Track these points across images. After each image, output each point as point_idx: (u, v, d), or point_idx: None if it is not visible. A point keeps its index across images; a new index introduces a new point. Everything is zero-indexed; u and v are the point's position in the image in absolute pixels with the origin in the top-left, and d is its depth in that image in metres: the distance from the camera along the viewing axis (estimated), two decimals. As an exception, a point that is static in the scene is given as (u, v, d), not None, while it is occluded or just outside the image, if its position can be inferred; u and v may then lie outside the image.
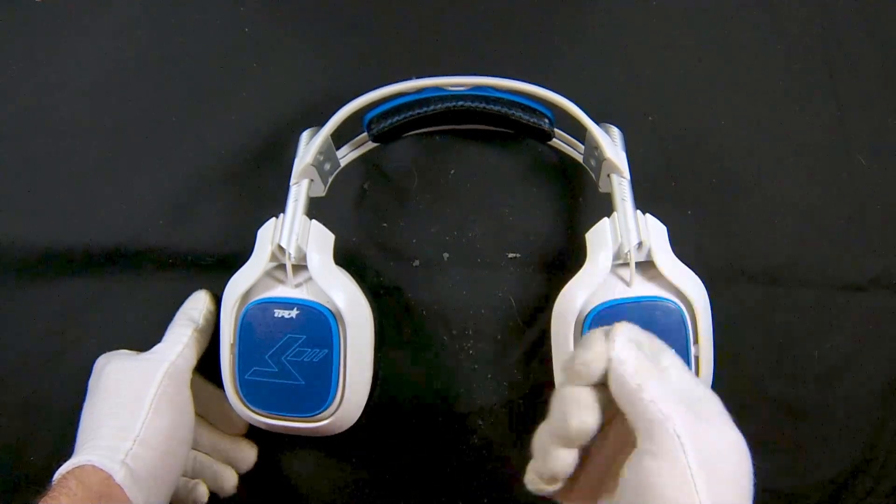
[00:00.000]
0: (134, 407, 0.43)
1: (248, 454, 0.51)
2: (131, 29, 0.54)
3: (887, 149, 0.54)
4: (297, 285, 0.46)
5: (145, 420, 0.43)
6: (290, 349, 0.45)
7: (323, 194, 0.51)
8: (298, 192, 0.47)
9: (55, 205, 0.53)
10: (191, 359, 0.47)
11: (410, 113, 0.48)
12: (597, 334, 0.36)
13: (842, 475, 0.53)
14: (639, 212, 0.45)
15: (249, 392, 0.46)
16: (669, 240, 0.46)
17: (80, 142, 0.53)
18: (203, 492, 0.49)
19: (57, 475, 0.40)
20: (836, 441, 0.53)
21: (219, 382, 0.47)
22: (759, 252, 0.53)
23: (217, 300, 0.50)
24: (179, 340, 0.47)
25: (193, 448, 0.50)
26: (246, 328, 0.46)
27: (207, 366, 0.49)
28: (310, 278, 0.46)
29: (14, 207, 0.53)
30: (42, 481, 0.41)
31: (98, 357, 0.48)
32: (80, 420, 0.45)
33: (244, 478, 0.51)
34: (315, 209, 0.48)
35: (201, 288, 0.51)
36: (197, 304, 0.50)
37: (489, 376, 0.52)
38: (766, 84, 0.54)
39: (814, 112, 0.54)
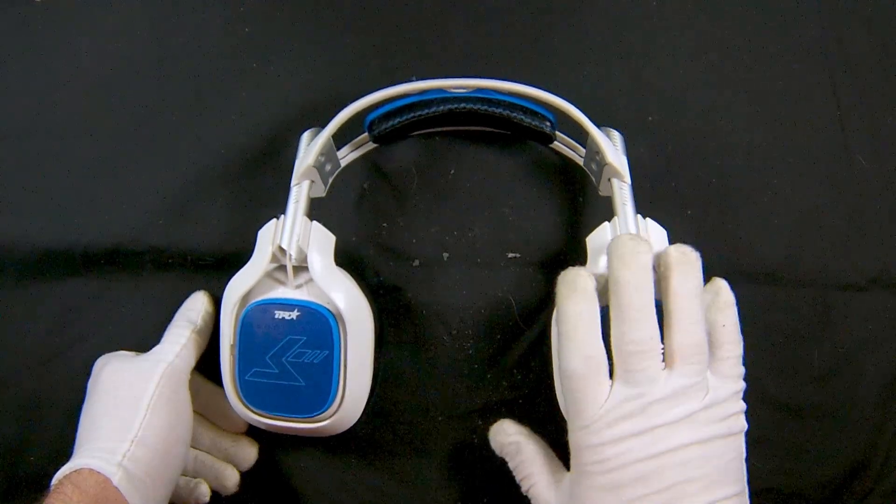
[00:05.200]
0: (131, 408, 0.43)
1: (249, 452, 0.51)
2: (131, 29, 0.54)
3: (887, 149, 0.54)
4: (298, 286, 0.46)
5: (143, 421, 0.43)
6: (290, 350, 0.45)
7: (323, 195, 0.51)
8: (299, 194, 0.47)
9: (55, 204, 0.53)
10: (189, 359, 0.47)
11: (412, 115, 0.48)
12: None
13: (842, 475, 0.53)
14: (639, 216, 0.45)
15: (250, 393, 0.46)
16: (670, 243, 0.46)
17: (80, 142, 0.53)
18: (205, 491, 0.49)
19: (54, 480, 0.40)
20: (836, 441, 0.53)
21: (219, 383, 0.47)
22: (759, 252, 0.53)
23: (216, 301, 0.50)
24: (177, 341, 0.47)
25: (194, 447, 0.50)
26: (246, 329, 0.45)
27: (207, 366, 0.49)
28: (310, 279, 0.46)
29: (14, 207, 0.53)
30: (42, 482, 0.41)
31: (97, 358, 0.49)
32: (79, 421, 0.45)
33: (245, 477, 0.51)
34: (314, 209, 0.48)
35: (201, 288, 0.51)
36: (195, 305, 0.50)
37: (489, 376, 0.52)
38: (766, 84, 0.54)
39: (814, 112, 0.54)
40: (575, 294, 0.40)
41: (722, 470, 0.39)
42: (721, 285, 0.43)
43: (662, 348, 0.40)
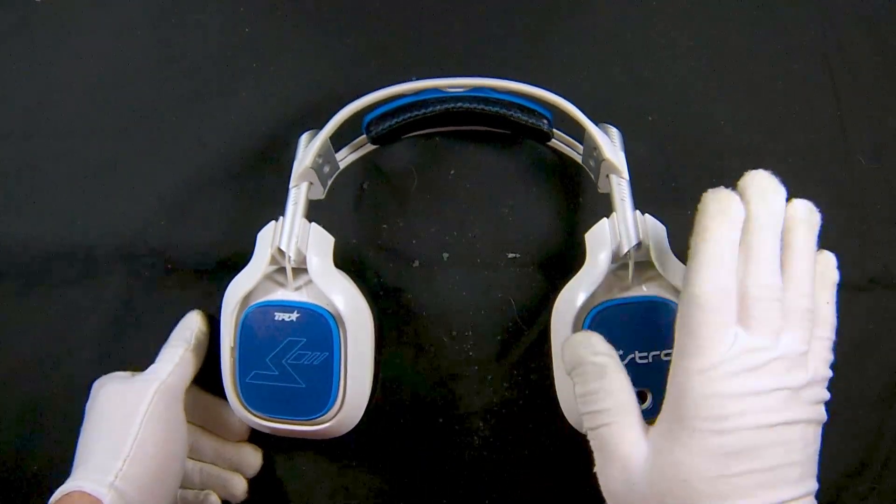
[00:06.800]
0: (124, 426, 0.43)
1: (253, 459, 0.51)
2: (131, 29, 0.54)
3: (887, 149, 0.54)
4: (298, 288, 0.46)
5: (135, 438, 0.42)
6: (290, 352, 0.45)
7: (322, 197, 0.51)
8: (298, 195, 0.47)
9: (56, 205, 0.53)
10: (183, 377, 0.47)
11: (409, 115, 0.48)
12: None
13: (842, 475, 0.53)
14: (638, 212, 0.45)
15: (250, 395, 0.46)
16: (669, 240, 0.46)
17: (80, 142, 0.53)
18: (214, 501, 0.50)
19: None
20: (836, 441, 0.53)
21: (219, 387, 0.48)
22: (759, 252, 0.53)
23: (209, 319, 0.50)
24: (171, 360, 0.47)
25: (199, 459, 0.50)
26: (246, 331, 0.46)
27: (208, 371, 0.49)
28: (310, 281, 0.46)
29: (15, 208, 0.53)
30: (41, 487, 0.41)
31: (98, 360, 0.49)
32: (77, 443, 0.45)
33: (250, 483, 0.51)
34: (314, 211, 0.48)
35: (201, 290, 0.51)
36: (189, 324, 0.50)
37: (489, 376, 0.52)
38: (766, 84, 0.54)
39: (814, 112, 0.54)
40: (727, 217, 0.36)
41: (813, 459, 0.36)
42: (830, 260, 0.39)
43: None
